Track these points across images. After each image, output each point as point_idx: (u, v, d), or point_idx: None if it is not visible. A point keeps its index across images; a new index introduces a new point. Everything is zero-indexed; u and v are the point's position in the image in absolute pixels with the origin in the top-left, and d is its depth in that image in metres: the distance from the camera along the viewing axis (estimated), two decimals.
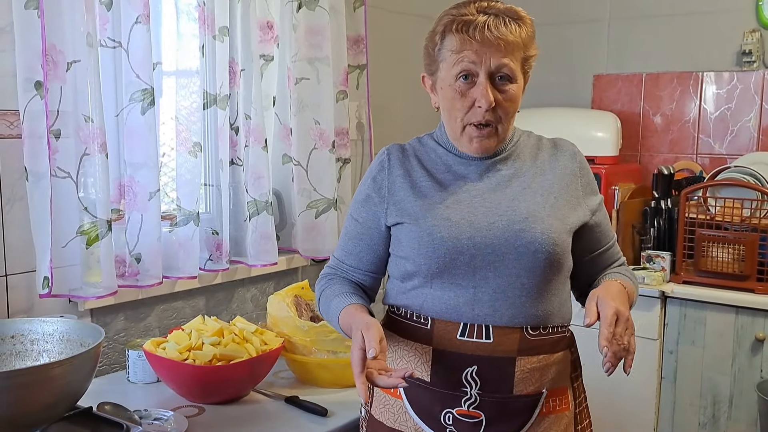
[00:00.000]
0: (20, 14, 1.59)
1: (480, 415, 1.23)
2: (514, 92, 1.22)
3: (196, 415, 1.52)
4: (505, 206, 1.24)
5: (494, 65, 1.19)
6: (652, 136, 2.90)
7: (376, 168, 1.32)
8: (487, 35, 1.17)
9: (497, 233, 1.21)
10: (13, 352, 1.25)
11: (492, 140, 1.24)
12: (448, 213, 1.24)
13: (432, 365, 1.25)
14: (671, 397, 2.39)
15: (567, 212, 1.26)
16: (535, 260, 1.21)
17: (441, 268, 1.22)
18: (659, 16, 2.85)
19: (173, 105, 1.97)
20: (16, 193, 1.66)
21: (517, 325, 1.23)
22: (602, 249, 1.34)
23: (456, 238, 1.21)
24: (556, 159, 1.30)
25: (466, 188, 1.27)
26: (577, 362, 1.35)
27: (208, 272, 2.03)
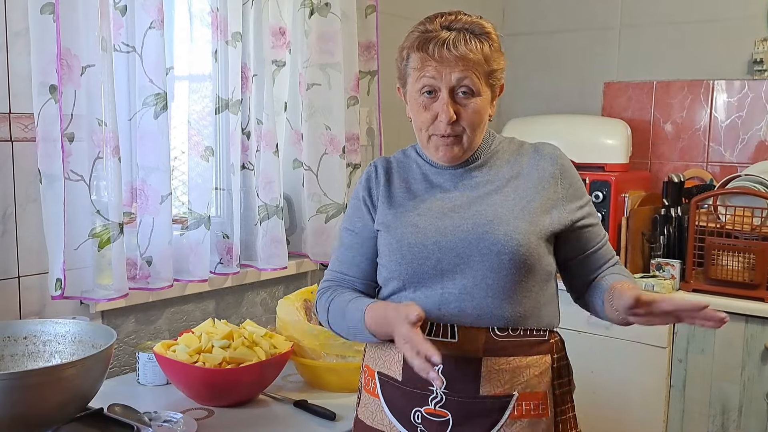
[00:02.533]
0: (36, 18, 1.61)
1: (447, 415, 1.25)
2: (477, 105, 1.25)
3: (206, 417, 1.53)
4: (473, 211, 1.27)
5: (454, 81, 1.23)
6: (662, 144, 2.89)
7: (365, 180, 1.39)
8: (445, 54, 1.23)
9: (462, 236, 1.25)
10: (26, 353, 1.26)
11: (457, 149, 1.28)
12: (417, 220, 1.29)
13: (403, 364, 1.28)
14: (680, 405, 2.38)
15: (539, 215, 1.27)
16: (499, 261, 1.23)
17: (410, 273, 1.28)
18: (670, 24, 2.85)
19: (185, 109, 1.99)
20: (30, 195, 1.68)
21: (483, 326, 1.24)
22: (592, 249, 1.34)
23: (422, 244, 1.27)
24: (534, 163, 1.31)
25: (439, 196, 1.31)
26: (564, 370, 1.32)
27: (218, 276, 2.04)
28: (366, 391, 1.35)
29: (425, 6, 2.78)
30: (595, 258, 1.35)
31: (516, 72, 3.21)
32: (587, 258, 1.34)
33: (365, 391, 1.36)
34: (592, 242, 1.34)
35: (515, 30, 3.21)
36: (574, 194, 1.31)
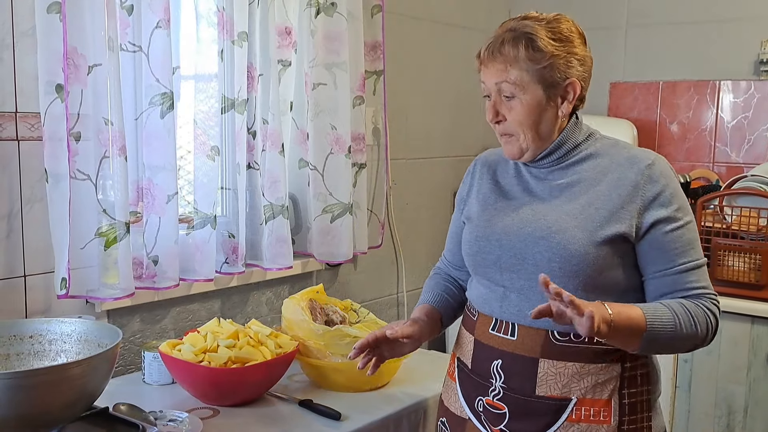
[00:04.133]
0: (42, 18, 1.61)
1: (503, 408, 1.30)
2: (518, 106, 1.27)
3: (211, 416, 1.53)
4: (540, 215, 1.29)
5: (495, 84, 1.29)
6: (668, 145, 2.88)
7: (465, 175, 1.50)
8: (487, 59, 1.29)
9: (522, 237, 1.28)
10: (32, 352, 1.27)
11: (514, 146, 1.31)
12: (491, 215, 1.35)
13: (473, 353, 1.37)
14: (686, 406, 2.38)
15: (605, 225, 1.24)
16: (550, 269, 1.24)
17: (473, 264, 1.37)
18: (677, 24, 2.84)
19: (192, 109, 1.99)
20: (36, 194, 1.68)
21: (542, 328, 1.26)
22: (660, 272, 1.25)
23: (487, 239, 1.34)
24: (621, 171, 1.27)
25: (520, 195, 1.35)
26: (640, 379, 1.28)
27: (224, 275, 2.04)
28: (448, 374, 1.46)
29: (431, 5, 2.80)
30: (667, 281, 1.25)
31: None
32: (658, 279, 1.26)
33: (447, 373, 1.47)
34: (665, 263, 1.25)
35: None
36: (656, 206, 1.24)
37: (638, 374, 1.29)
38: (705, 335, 1.25)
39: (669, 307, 1.22)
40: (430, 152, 2.82)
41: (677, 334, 1.21)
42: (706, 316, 1.24)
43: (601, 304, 1.16)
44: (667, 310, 1.22)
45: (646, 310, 1.20)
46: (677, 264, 1.25)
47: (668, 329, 1.20)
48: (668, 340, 1.21)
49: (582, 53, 1.32)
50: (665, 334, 1.20)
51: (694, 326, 1.22)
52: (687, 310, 1.23)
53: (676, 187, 1.27)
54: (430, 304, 1.50)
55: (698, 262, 1.27)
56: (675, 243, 1.24)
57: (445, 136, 2.88)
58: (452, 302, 1.52)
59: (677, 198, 1.26)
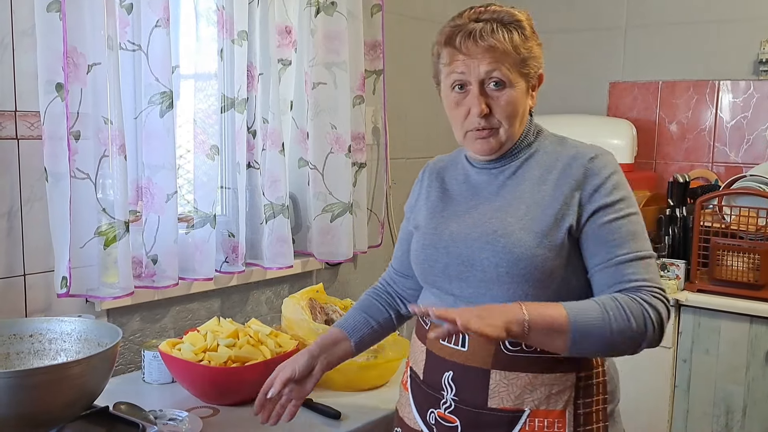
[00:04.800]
0: (42, 16, 1.61)
1: (455, 421, 1.25)
2: (510, 96, 1.21)
3: (211, 416, 1.53)
4: (487, 218, 1.25)
5: (483, 73, 1.20)
6: (667, 144, 2.89)
7: (414, 183, 1.45)
8: (471, 46, 1.20)
9: (468, 243, 1.24)
10: (32, 351, 1.27)
11: (494, 141, 1.24)
12: (438, 222, 1.31)
13: (425, 364, 1.31)
14: (684, 406, 2.38)
15: (550, 226, 1.19)
16: (497, 274, 1.20)
17: (422, 273, 1.32)
18: (676, 24, 2.84)
19: (191, 108, 1.99)
20: (36, 193, 1.68)
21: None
22: (601, 264, 1.20)
23: (434, 247, 1.28)
24: (565, 169, 1.23)
25: (468, 199, 1.30)
26: (596, 388, 1.24)
27: (223, 274, 2.04)
28: (402, 383, 1.41)
29: (431, 5, 2.80)
30: (608, 274, 1.19)
31: None
32: (599, 273, 1.20)
33: (401, 382, 1.41)
34: (605, 254, 1.19)
35: None
36: (597, 198, 1.19)
37: (594, 383, 1.24)
38: (644, 330, 1.15)
39: (599, 302, 1.16)
40: (430, 152, 2.81)
41: (607, 329, 1.13)
42: (642, 309, 1.15)
43: (517, 307, 1.11)
44: (595, 305, 1.15)
45: (570, 307, 1.14)
46: (616, 255, 1.18)
47: (596, 325, 1.12)
48: (599, 336, 1.13)
49: (540, 42, 1.27)
50: (594, 331, 1.13)
51: (627, 320, 1.13)
52: (619, 304, 1.14)
53: (619, 179, 1.22)
54: (339, 327, 1.44)
55: (640, 254, 1.19)
56: (614, 234, 1.18)
57: (445, 136, 2.86)
58: (372, 323, 1.45)
59: (619, 190, 1.21)
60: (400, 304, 1.48)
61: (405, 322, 1.52)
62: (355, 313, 1.47)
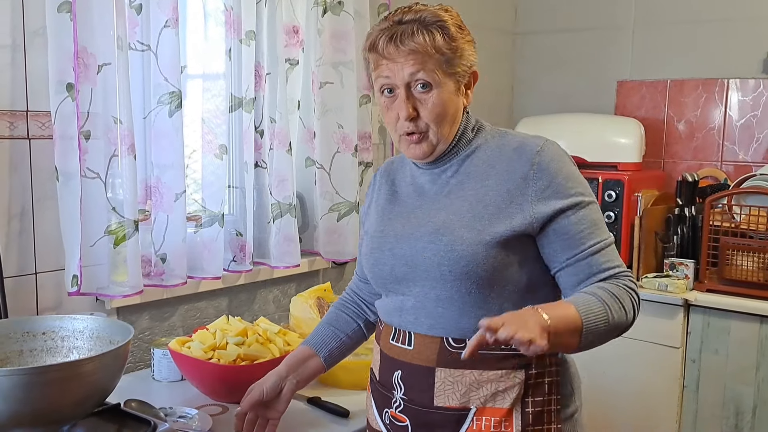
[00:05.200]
0: (53, 17, 1.62)
1: (405, 420, 1.26)
2: (437, 98, 1.19)
3: (220, 413, 1.54)
4: (429, 217, 1.23)
5: (407, 76, 1.18)
6: (676, 143, 2.88)
7: (368, 188, 1.43)
8: (393, 51, 1.18)
9: (412, 244, 1.23)
10: (44, 348, 1.28)
11: (425, 145, 1.22)
12: (385, 225, 1.30)
13: (380, 364, 1.32)
14: (693, 406, 2.38)
15: (494, 222, 1.18)
16: (441, 273, 1.19)
17: (373, 277, 1.31)
18: (684, 23, 2.83)
19: (199, 108, 2.00)
20: (47, 192, 1.69)
21: (437, 335, 1.21)
22: (571, 259, 1.19)
23: (380, 250, 1.28)
24: (509, 162, 1.20)
25: (414, 199, 1.29)
26: (548, 387, 1.22)
27: (231, 273, 2.05)
28: (368, 387, 1.41)
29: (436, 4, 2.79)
30: (577, 269, 1.19)
31: (528, 71, 3.21)
32: (568, 268, 1.20)
33: (368, 386, 1.41)
34: (570, 251, 1.19)
35: (528, 29, 3.21)
36: (551, 194, 1.18)
37: (545, 382, 1.22)
38: (633, 315, 1.18)
39: (595, 296, 1.14)
40: None
41: (611, 323, 1.14)
42: (629, 295, 1.18)
43: (536, 311, 1.06)
44: (595, 300, 1.13)
45: (577, 305, 1.12)
46: (587, 247, 1.18)
47: (602, 320, 1.12)
48: (603, 331, 1.13)
49: (473, 39, 1.25)
50: (601, 326, 1.12)
51: (622, 309, 1.15)
52: (613, 294, 1.15)
53: (569, 170, 1.20)
54: (307, 345, 1.43)
55: (607, 240, 1.20)
56: (580, 226, 1.18)
57: None
58: (341, 335, 1.43)
59: (572, 181, 1.19)
60: (368, 311, 1.46)
61: (374, 331, 1.47)
62: (322, 328, 1.45)
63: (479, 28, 2.95)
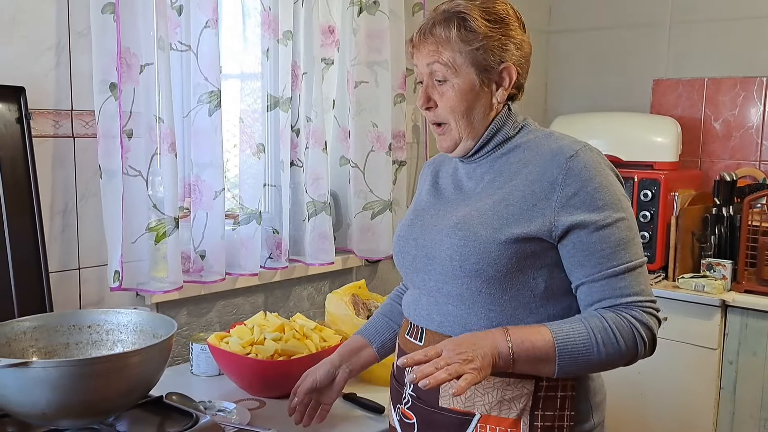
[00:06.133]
0: (97, 18, 1.66)
1: (413, 418, 1.25)
2: (450, 90, 1.18)
3: (257, 408, 1.56)
4: (454, 211, 1.22)
5: (425, 67, 1.20)
6: (713, 142, 2.84)
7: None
8: (418, 42, 1.21)
9: (432, 236, 1.22)
10: (90, 341, 1.31)
11: (447, 138, 1.22)
12: (415, 216, 1.30)
13: (397, 358, 1.33)
14: (730, 408, 2.34)
15: (511, 223, 1.13)
16: (453, 268, 1.16)
17: (398, 263, 1.31)
18: (722, 20, 2.79)
19: (237, 107, 2.03)
20: (90, 189, 1.73)
21: (446, 333, 1.19)
22: (587, 278, 1.13)
23: (406, 238, 1.28)
24: (542, 164, 1.16)
25: (451, 194, 1.28)
26: (561, 402, 1.16)
27: (267, 270, 2.08)
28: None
29: None
30: (595, 288, 1.13)
31: (563, 69, 3.19)
32: (585, 286, 1.14)
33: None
34: (591, 267, 1.12)
35: (562, 27, 3.19)
36: (577, 204, 1.12)
37: (558, 396, 1.15)
38: (635, 350, 1.11)
39: (586, 324, 1.10)
40: None
41: (594, 353, 1.09)
42: (633, 329, 1.10)
43: (501, 334, 1.07)
44: (582, 327, 1.09)
45: (557, 332, 1.08)
46: (606, 268, 1.11)
47: (582, 350, 1.08)
48: (586, 360, 1.09)
49: (519, 37, 1.21)
50: (581, 356, 1.08)
51: (616, 342, 1.09)
52: (608, 325, 1.09)
53: (602, 181, 1.13)
54: (360, 334, 1.45)
55: (630, 264, 1.12)
56: (601, 245, 1.11)
57: None
58: (394, 326, 1.43)
59: (602, 194, 1.12)
60: None
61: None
62: (376, 319, 1.46)
63: None
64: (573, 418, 1.16)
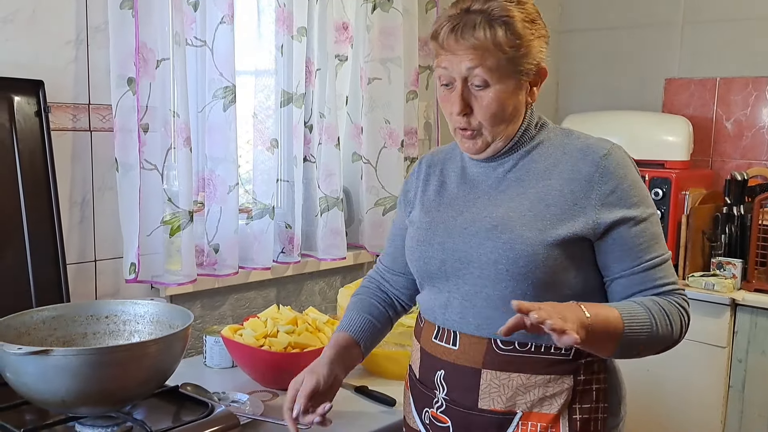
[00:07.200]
0: (115, 14, 1.68)
1: (447, 421, 1.22)
2: (492, 97, 1.14)
3: (270, 399, 1.58)
4: (486, 212, 1.18)
5: (465, 71, 1.13)
6: (724, 142, 2.84)
7: (409, 176, 1.37)
8: (452, 44, 1.13)
9: (466, 239, 1.18)
10: (107, 332, 1.33)
11: (479, 141, 1.18)
12: (433, 217, 1.25)
13: (420, 362, 1.28)
14: (739, 406, 2.34)
15: (557, 223, 1.13)
16: (497, 272, 1.14)
17: (418, 271, 1.26)
18: (734, 20, 2.78)
19: (251, 102, 2.05)
20: (106, 182, 1.75)
21: (485, 336, 1.17)
22: (626, 271, 1.15)
23: (429, 243, 1.22)
24: (573, 163, 1.16)
25: (466, 192, 1.24)
26: (596, 395, 1.17)
27: (280, 264, 2.10)
28: (405, 383, 1.37)
29: None
30: (634, 280, 1.15)
31: (574, 68, 3.19)
32: (624, 279, 1.16)
33: (405, 382, 1.37)
34: (630, 261, 1.15)
35: (574, 26, 3.19)
36: (615, 201, 1.14)
37: (593, 389, 1.17)
38: (679, 334, 1.16)
39: (644, 306, 1.12)
40: None
41: (654, 335, 1.11)
42: (680, 313, 1.16)
43: (578, 307, 1.05)
44: (642, 310, 1.12)
45: (623, 310, 1.10)
46: (644, 261, 1.15)
47: (645, 331, 1.10)
48: (644, 342, 1.11)
49: (547, 34, 1.18)
50: (642, 337, 1.10)
51: (669, 326, 1.13)
52: (662, 309, 1.13)
53: (634, 178, 1.16)
54: (347, 332, 1.34)
55: (664, 256, 1.17)
56: (639, 239, 1.14)
57: None
58: (376, 324, 1.37)
59: (636, 190, 1.15)
60: (396, 302, 1.41)
61: (399, 319, 1.45)
62: (357, 316, 1.37)
63: None
64: (606, 410, 1.19)
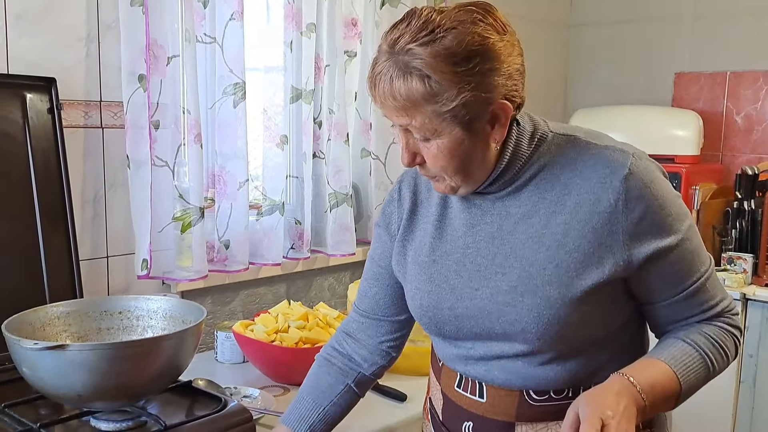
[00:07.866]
0: (126, 11, 1.68)
1: None
2: (437, 151, 0.96)
3: (281, 395, 1.59)
4: (497, 265, 1.03)
5: (403, 124, 0.96)
6: (735, 136, 2.82)
7: (385, 205, 1.18)
8: (377, 96, 0.95)
9: (479, 304, 1.04)
10: (121, 327, 1.34)
11: (442, 185, 1.02)
12: (432, 271, 1.09)
13: (443, 406, 1.17)
14: (750, 401, 2.34)
15: (581, 273, 0.98)
16: (525, 337, 1.02)
17: (429, 331, 1.13)
18: (744, 14, 2.77)
19: (261, 99, 2.05)
20: (118, 179, 1.76)
21: (515, 389, 1.06)
22: (665, 300, 1.04)
23: (436, 307, 1.08)
24: (589, 187, 0.99)
25: (465, 234, 1.07)
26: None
27: (290, 260, 2.10)
28: (424, 409, 1.28)
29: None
30: (676, 308, 1.05)
31: (583, 62, 3.19)
32: (664, 308, 1.05)
33: (423, 408, 1.29)
34: (670, 289, 1.03)
35: (583, 20, 3.18)
36: (647, 229, 0.98)
37: (640, 426, 1.03)
38: (734, 356, 1.07)
39: (695, 345, 1.02)
40: None
41: (711, 373, 1.03)
42: (732, 336, 1.06)
43: (628, 383, 0.94)
44: (694, 351, 1.01)
45: (674, 363, 0.99)
46: (686, 287, 1.03)
47: (702, 375, 1.02)
48: (703, 382, 1.03)
49: (505, 60, 0.94)
50: (700, 381, 1.02)
51: (723, 356, 1.04)
52: (713, 341, 1.03)
53: (663, 192, 0.99)
54: (288, 427, 1.18)
55: (707, 272, 1.04)
56: (678, 264, 1.01)
57: None
58: (328, 408, 1.21)
59: (667, 207, 0.99)
60: (364, 364, 1.23)
61: (371, 385, 1.27)
62: (299, 401, 1.22)
63: (532, 20, 2.95)
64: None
